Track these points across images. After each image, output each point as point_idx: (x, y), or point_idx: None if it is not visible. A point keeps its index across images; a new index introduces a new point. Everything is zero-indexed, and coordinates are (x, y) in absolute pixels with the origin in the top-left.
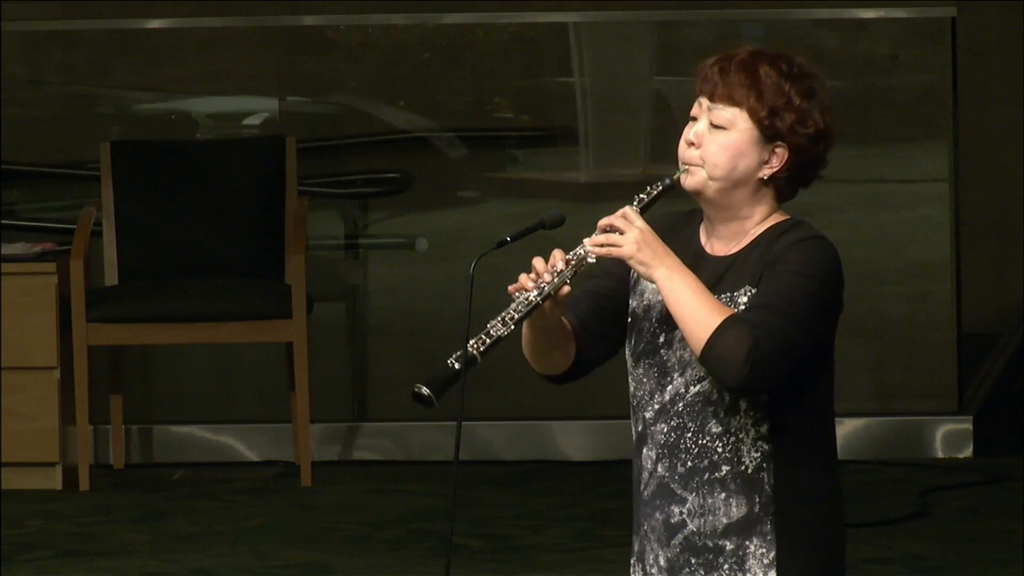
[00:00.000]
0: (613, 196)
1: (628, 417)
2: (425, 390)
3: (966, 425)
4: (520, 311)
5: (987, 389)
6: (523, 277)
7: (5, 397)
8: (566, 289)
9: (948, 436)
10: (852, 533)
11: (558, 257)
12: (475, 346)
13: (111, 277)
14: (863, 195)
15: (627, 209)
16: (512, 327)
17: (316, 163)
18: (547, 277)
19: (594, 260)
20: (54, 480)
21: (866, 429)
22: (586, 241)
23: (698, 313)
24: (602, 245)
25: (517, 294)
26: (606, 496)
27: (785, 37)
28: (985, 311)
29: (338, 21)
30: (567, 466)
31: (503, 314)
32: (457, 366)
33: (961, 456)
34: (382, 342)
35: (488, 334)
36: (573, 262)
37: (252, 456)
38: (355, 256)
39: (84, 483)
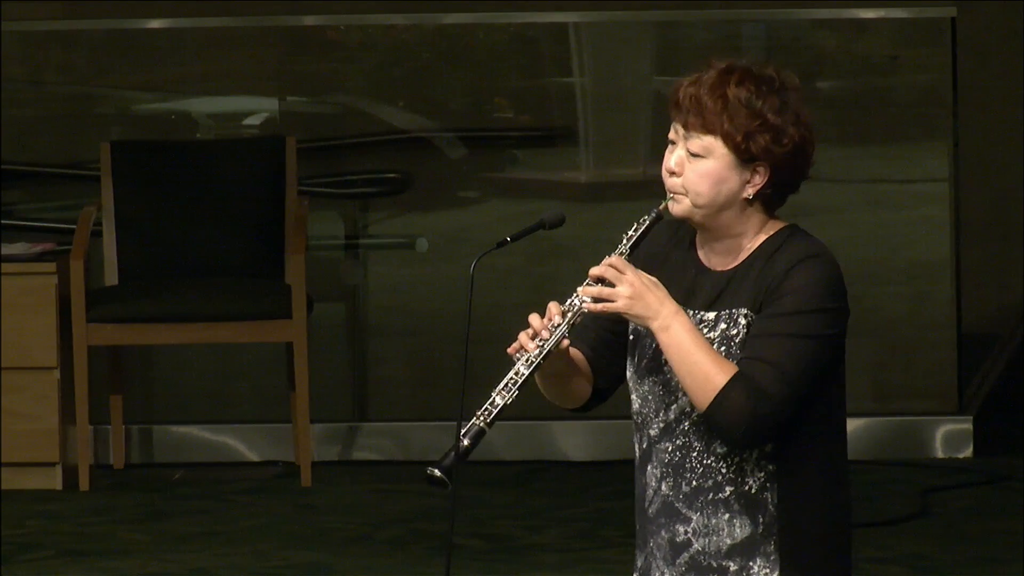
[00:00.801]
0: (613, 196)
1: (628, 417)
2: (438, 472)
3: (966, 425)
4: (523, 374)
5: (987, 389)
6: (522, 336)
7: (5, 397)
8: (565, 342)
9: (948, 436)
10: (853, 533)
11: (554, 311)
12: (482, 418)
13: (111, 277)
14: (863, 195)
15: (615, 259)
16: (516, 392)
17: (316, 163)
18: (545, 334)
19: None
20: (54, 480)
21: (866, 429)
22: (580, 291)
23: (698, 371)
24: (595, 299)
25: (517, 355)
26: (606, 496)
27: (785, 37)
28: (985, 311)
29: (338, 21)
30: (567, 466)
31: (506, 379)
32: (467, 442)
33: (961, 456)
34: (382, 342)
35: (493, 403)
36: (569, 314)
37: (252, 456)
38: (355, 256)
39: (84, 483)
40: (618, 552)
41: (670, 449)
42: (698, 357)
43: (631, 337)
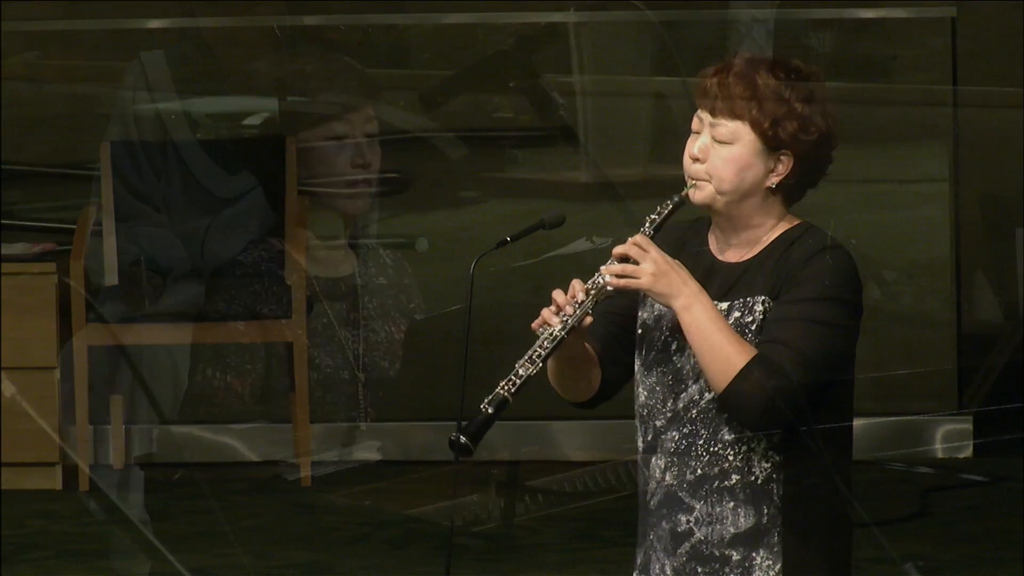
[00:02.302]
0: (613, 196)
1: (628, 417)
2: (462, 438)
3: (966, 425)
4: (546, 347)
5: (987, 389)
6: (545, 312)
7: (5, 397)
8: (588, 320)
9: (948, 436)
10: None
11: (578, 288)
12: (506, 388)
13: (111, 277)
14: (863, 195)
15: (640, 238)
16: (540, 364)
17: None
18: (569, 310)
19: (612, 290)
20: (54, 480)
21: (866, 429)
22: (603, 269)
23: (718, 351)
24: (619, 276)
25: (541, 330)
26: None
27: (785, 37)
28: (985, 311)
29: (338, 21)
30: (567, 466)
31: (529, 352)
32: (490, 410)
33: (961, 456)
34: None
35: (517, 375)
36: (593, 292)
37: (252, 456)
38: (355, 256)
39: (84, 483)
40: (618, 552)
41: (676, 438)
42: (718, 338)
43: (639, 331)
